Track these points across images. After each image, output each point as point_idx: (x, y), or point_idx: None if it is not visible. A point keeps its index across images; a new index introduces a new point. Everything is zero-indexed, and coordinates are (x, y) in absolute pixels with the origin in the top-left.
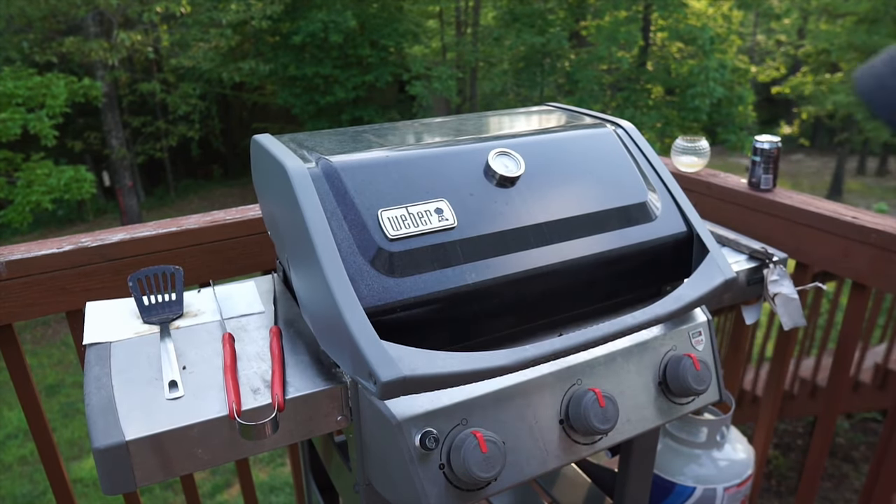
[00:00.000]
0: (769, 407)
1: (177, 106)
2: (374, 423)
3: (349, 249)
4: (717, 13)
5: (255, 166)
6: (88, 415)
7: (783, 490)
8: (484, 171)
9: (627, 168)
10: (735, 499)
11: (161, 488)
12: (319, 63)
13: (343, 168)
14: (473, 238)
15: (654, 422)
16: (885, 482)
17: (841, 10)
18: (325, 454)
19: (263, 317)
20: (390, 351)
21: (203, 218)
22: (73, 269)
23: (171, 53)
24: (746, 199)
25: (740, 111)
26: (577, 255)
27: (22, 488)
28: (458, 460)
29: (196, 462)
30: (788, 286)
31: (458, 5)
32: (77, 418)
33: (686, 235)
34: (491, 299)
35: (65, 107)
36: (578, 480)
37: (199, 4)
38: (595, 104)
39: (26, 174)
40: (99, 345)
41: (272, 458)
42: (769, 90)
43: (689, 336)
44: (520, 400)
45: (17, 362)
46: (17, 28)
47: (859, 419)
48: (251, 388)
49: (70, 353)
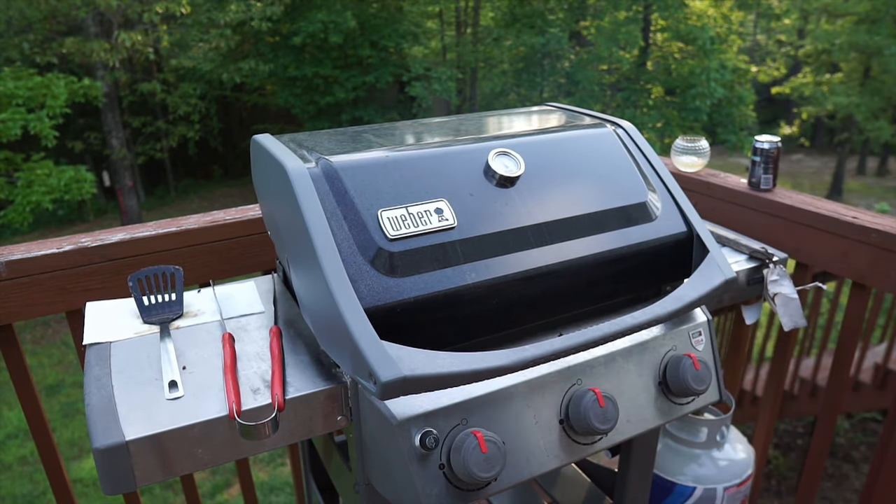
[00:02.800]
0: (769, 407)
1: (177, 106)
2: (374, 423)
3: (349, 249)
4: (718, 13)
5: (255, 166)
6: (88, 415)
7: (783, 490)
8: (484, 171)
9: (627, 168)
10: (735, 499)
11: (161, 488)
12: (319, 63)
13: (343, 168)
14: (473, 238)
15: (654, 422)
16: (885, 482)
17: (841, 10)
18: (325, 454)
19: (263, 317)
20: (390, 351)
21: (203, 218)
22: (73, 269)
23: (171, 54)
24: (746, 199)
25: (740, 111)
26: (577, 256)
27: (22, 488)
28: (458, 460)
29: (196, 462)
30: (788, 286)
31: (458, 5)
32: (77, 418)
33: (686, 235)
34: (491, 299)
35: (65, 107)
36: (578, 480)
37: (199, 5)
38: (595, 104)
39: (26, 174)
40: (99, 345)
41: (272, 458)
42: (769, 90)
43: (689, 336)
44: (520, 400)
45: (17, 362)
46: (17, 29)
47: (859, 419)
48: (251, 388)
49: (70, 353)
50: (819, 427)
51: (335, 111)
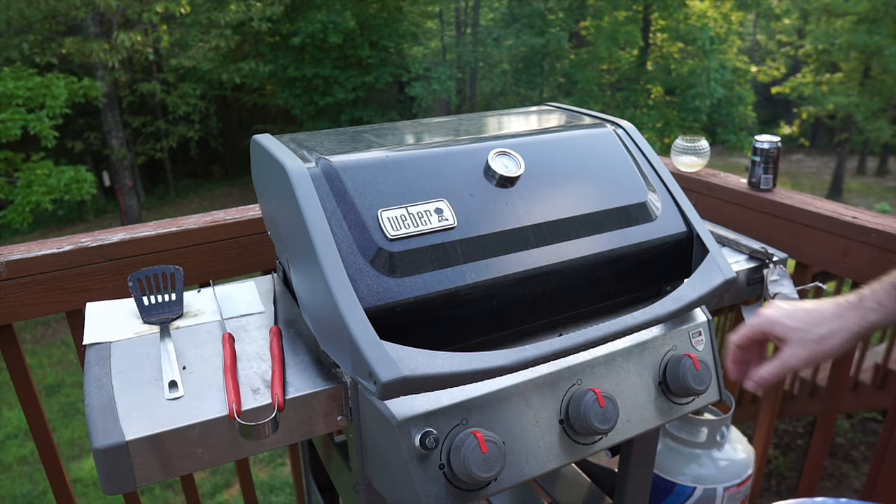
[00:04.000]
0: (769, 407)
1: (177, 106)
2: (374, 423)
3: (349, 249)
4: (717, 13)
5: (255, 166)
6: (88, 415)
7: (783, 490)
8: (484, 171)
9: (627, 168)
10: (735, 499)
11: (161, 488)
12: (319, 64)
13: (343, 168)
14: (473, 238)
15: (654, 422)
16: (885, 482)
17: (841, 10)
18: (325, 454)
19: (263, 317)
20: (390, 351)
21: (203, 218)
22: (73, 269)
23: (171, 54)
24: (746, 199)
25: (740, 111)
26: (577, 255)
27: (22, 488)
28: (458, 460)
29: (196, 462)
30: (788, 286)
31: (458, 6)
32: (77, 418)
33: (686, 235)
34: (491, 299)
35: (65, 107)
36: (578, 480)
37: (199, 5)
38: (595, 104)
39: (26, 174)
40: (99, 345)
41: (272, 458)
42: (769, 90)
43: (689, 336)
44: (520, 400)
45: (17, 362)
46: (17, 29)
47: (859, 419)
48: (251, 388)
49: (70, 353)
50: (819, 427)
51: (335, 111)
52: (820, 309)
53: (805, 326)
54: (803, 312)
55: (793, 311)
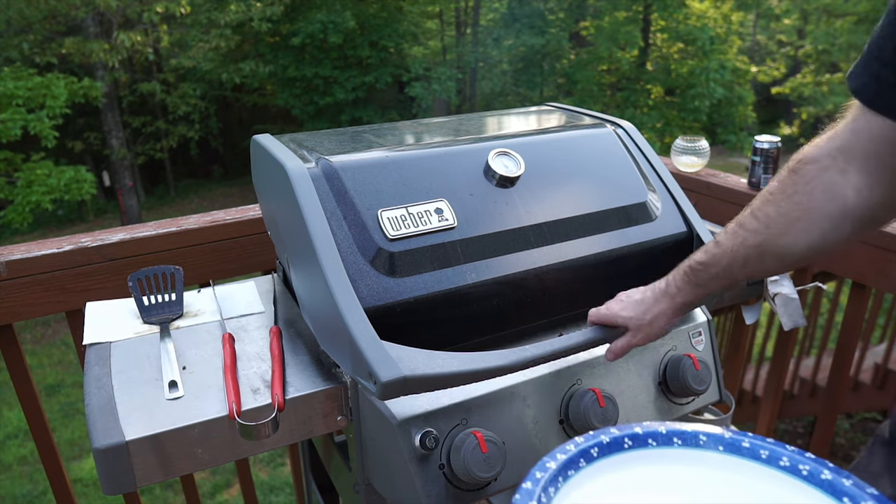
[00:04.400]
0: (769, 407)
1: (177, 106)
2: (374, 423)
3: (349, 249)
4: (717, 14)
5: (255, 166)
6: (88, 415)
7: None
8: (484, 171)
9: (627, 168)
10: None
11: (161, 488)
12: (319, 64)
13: (343, 168)
14: (473, 238)
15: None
16: None
17: (841, 11)
18: (325, 454)
19: (263, 317)
20: (390, 351)
21: (203, 218)
22: (73, 269)
23: (171, 54)
24: (746, 199)
25: (740, 111)
26: (577, 255)
27: (22, 488)
28: (458, 460)
29: (196, 462)
30: (788, 286)
31: (458, 6)
32: (77, 418)
33: (686, 235)
34: (491, 299)
35: (65, 107)
36: None
37: (199, 5)
38: (595, 104)
39: (26, 174)
40: (99, 345)
41: (272, 458)
42: (769, 90)
43: (689, 336)
44: (520, 400)
45: (17, 362)
46: (17, 29)
47: (859, 419)
48: (251, 388)
49: (70, 353)
50: (819, 427)
51: (335, 111)
52: (644, 299)
53: (637, 315)
54: (634, 303)
55: (628, 304)
